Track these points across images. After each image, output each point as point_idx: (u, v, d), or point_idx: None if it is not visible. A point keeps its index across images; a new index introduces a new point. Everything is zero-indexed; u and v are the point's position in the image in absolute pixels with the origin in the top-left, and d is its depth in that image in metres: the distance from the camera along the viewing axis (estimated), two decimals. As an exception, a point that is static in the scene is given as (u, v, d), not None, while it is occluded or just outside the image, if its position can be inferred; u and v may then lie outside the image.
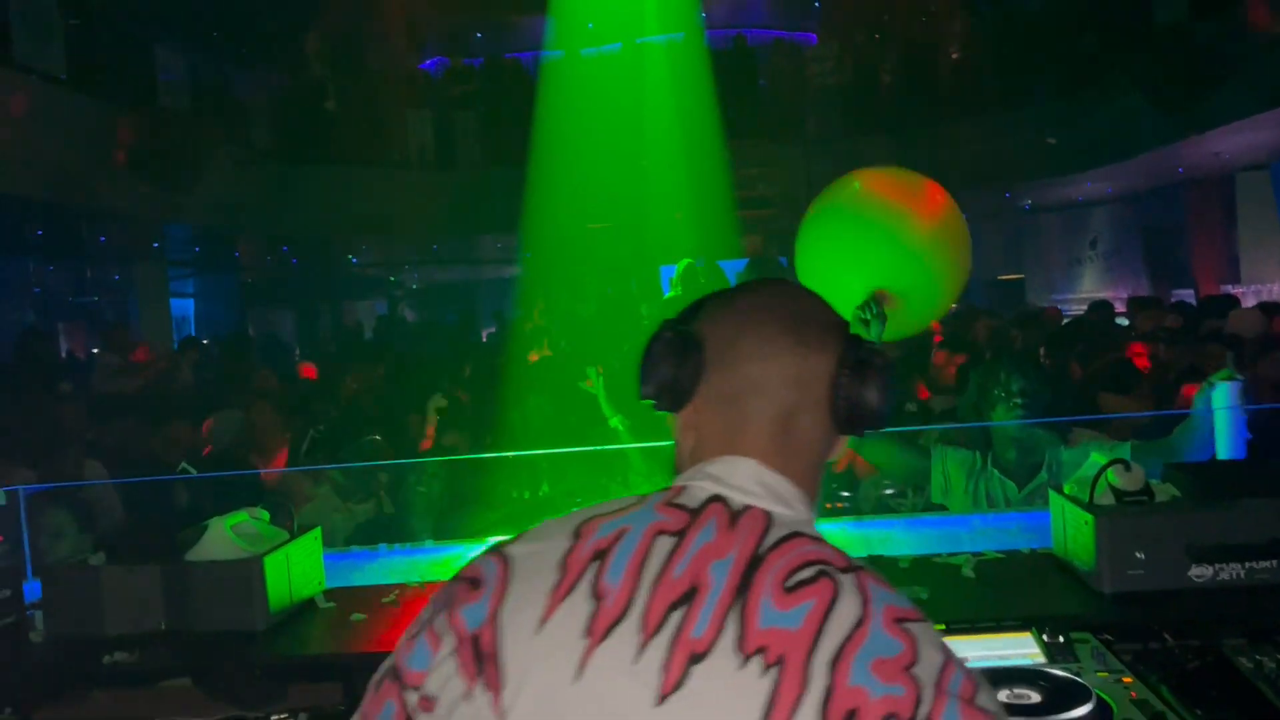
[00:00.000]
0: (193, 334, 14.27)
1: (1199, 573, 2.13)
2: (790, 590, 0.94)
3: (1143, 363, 5.49)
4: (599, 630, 0.95)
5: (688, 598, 0.95)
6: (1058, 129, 11.30)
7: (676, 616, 0.94)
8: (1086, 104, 10.71)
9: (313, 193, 12.21)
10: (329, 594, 2.73)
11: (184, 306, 16.02)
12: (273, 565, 2.50)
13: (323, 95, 13.22)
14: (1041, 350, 6.43)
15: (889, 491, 4.29)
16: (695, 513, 1.01)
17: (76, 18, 9.01)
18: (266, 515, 2.66)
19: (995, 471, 3.38)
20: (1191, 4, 9.34)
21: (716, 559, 0.97)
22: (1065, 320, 9.28)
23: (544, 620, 0.97)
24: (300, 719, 2.31)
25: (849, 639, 0.91)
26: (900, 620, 0.94)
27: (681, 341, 1.13)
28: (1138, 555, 2.15)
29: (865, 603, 0.94)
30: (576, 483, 3.69)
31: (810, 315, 1.12)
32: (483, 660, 0.97)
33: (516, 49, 14.81)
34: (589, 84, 11.91)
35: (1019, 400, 3.25)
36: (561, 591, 0.98)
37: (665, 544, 0.99)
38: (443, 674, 0.99)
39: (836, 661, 0.90)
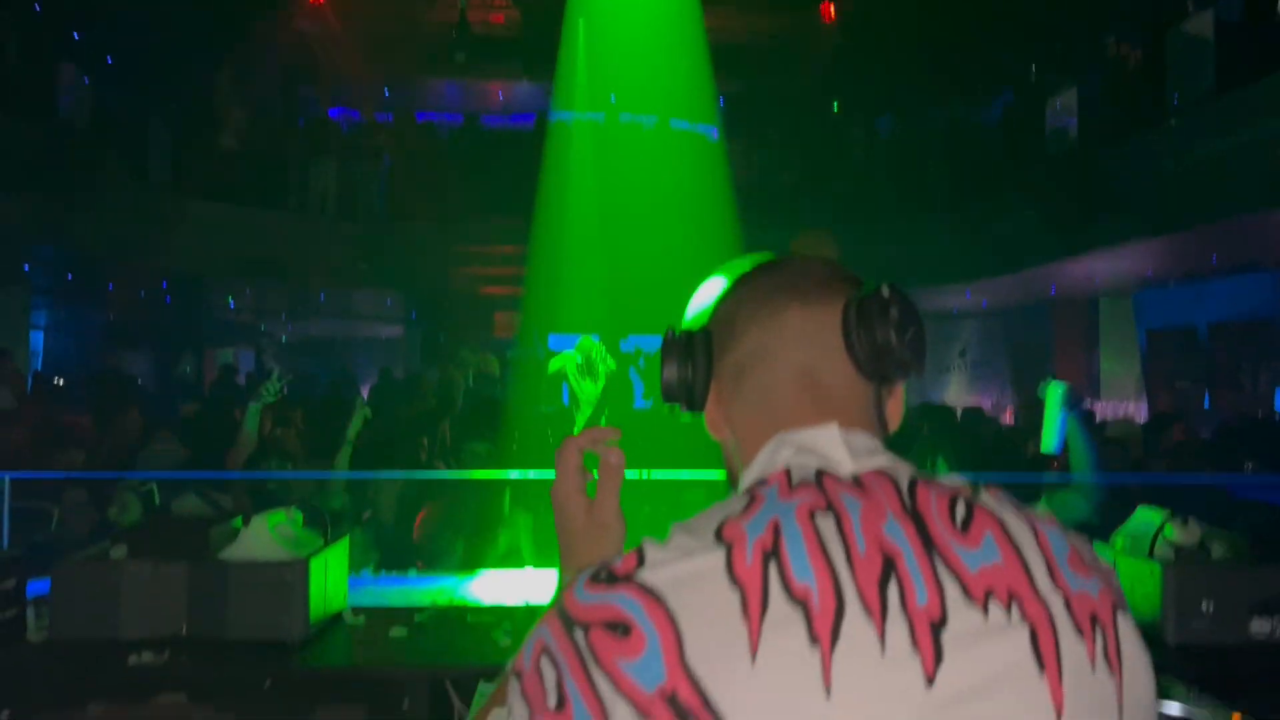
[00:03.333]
0: (38, 369, 13.38)
1: (1259, 627, 2.23)
2: (964, 529, 0.88)
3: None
4: (824, 635, 0.82)
5: (889, 569, 0.85)
6: (947, 240, 11.96)
7: (893, 592, 0.84)
8: (976, 219, 11.40)
9: (202, 229, 11.77)
10: (354, 610, 2.58)
11: (33, 340, 14.99)
12: (315, 570, 2.35)
13: (223, 132, 12.84)
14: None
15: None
16: (821, 487, 0.91)
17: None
18: (301, 516, 2.49)
19: None
20: (1081, 131, 10.13)
21: (880, 523, 0.88)
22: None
23: (754, 649, 0.81)
24: (352, 733, 2.17)
25: (1040, 551, 0.88)
26: (1042, 517, 0.93)
27: (684, 337, 1.07)
28: (1205, 609, 2.23)
29: (1017, 509, 0.92)
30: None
31: (811, 272, 1.05)
32: (691, 716, 0.80)
33: (425, 109, 14.79)
34: (558, 151, 12.00)
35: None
36: (754, 609, 0.82)
37: (829, 522, 0.87)
38: None
39: (1052, 574, 0.87)
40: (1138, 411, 12.04)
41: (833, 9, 13.66)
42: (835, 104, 14.52)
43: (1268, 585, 2.24)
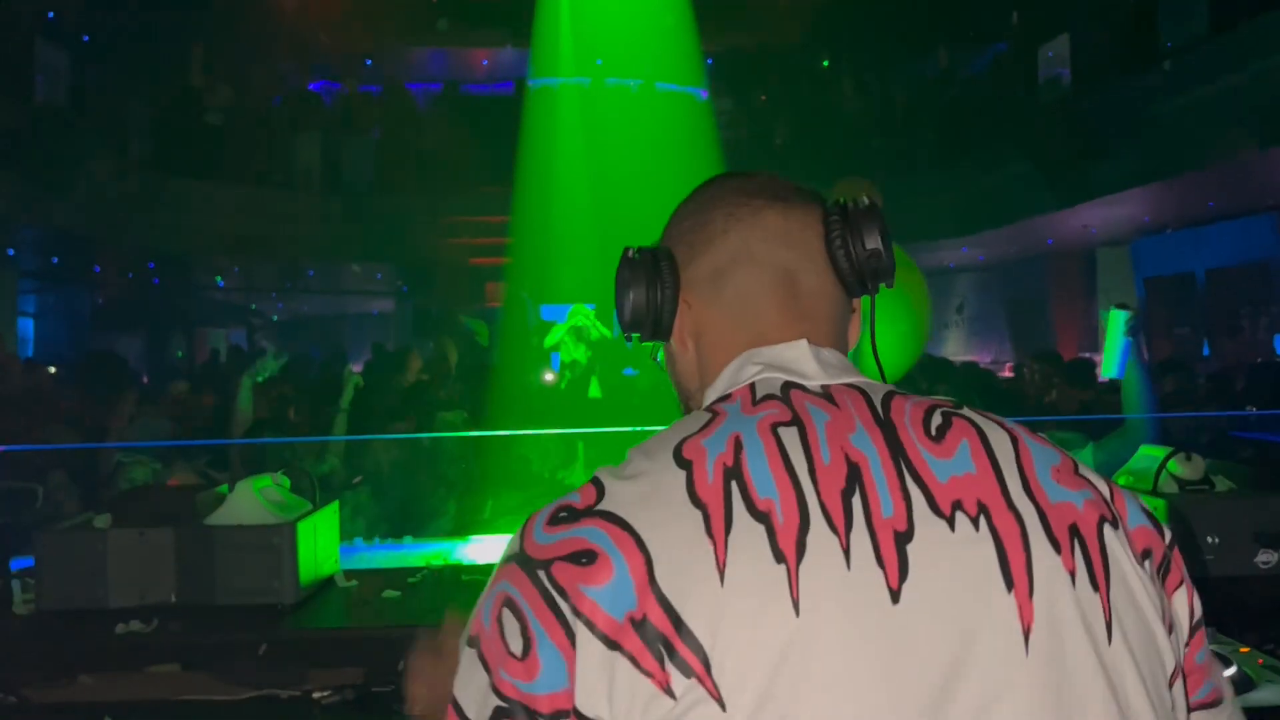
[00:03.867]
0: (30, 356, 13.31)
1: (1265, 558, 2.20)
2: (938, 439, 0.86)
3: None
4: (789, 550, 0.79)
5: (854, 479, 0.82)
6: (940, 195, 11.87)
7: (856, 503, 0.81)
8: (969, 172, 11.30)
9: (186, 208, 11.65)
10: (346, 574, 2.53)
11: (23, 327, 14.91)
12: (303, 534, 2.29)
13: (205, 108, 12.67)
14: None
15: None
16: (786, 400, 0.89)
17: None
18: (288, 482, 2.44)
19: None
20: (1074, 79, 10.02)
21: (849, 432, 0.85)
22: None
23: (722, 568, 0.78)
24: (347, 693, 2.11)
25: (1019, 461, 0.86)
26: (1033, 431, 0.91)
27: (646, 256, 1.01)
28: (1210, 540, 2.20)
29: (1001, 423, 0.90)
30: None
31: (780, 180, 1.03)
32: (665, 642, 0.77)
33: (408, 79, 14.60)
34: (540, 118, 11.85)
35: None
36: (719, 528, 0.80)
37: (792, 434, 0.85)
38: (606, 681, 0.78)
39: (1028, 485, 0.85)
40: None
41: (819, -37, 13.50)
42: (824, 60, 14.36)
43: (1273, 517, 2.20)
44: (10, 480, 4.01)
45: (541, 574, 0.81)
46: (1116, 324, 3.15)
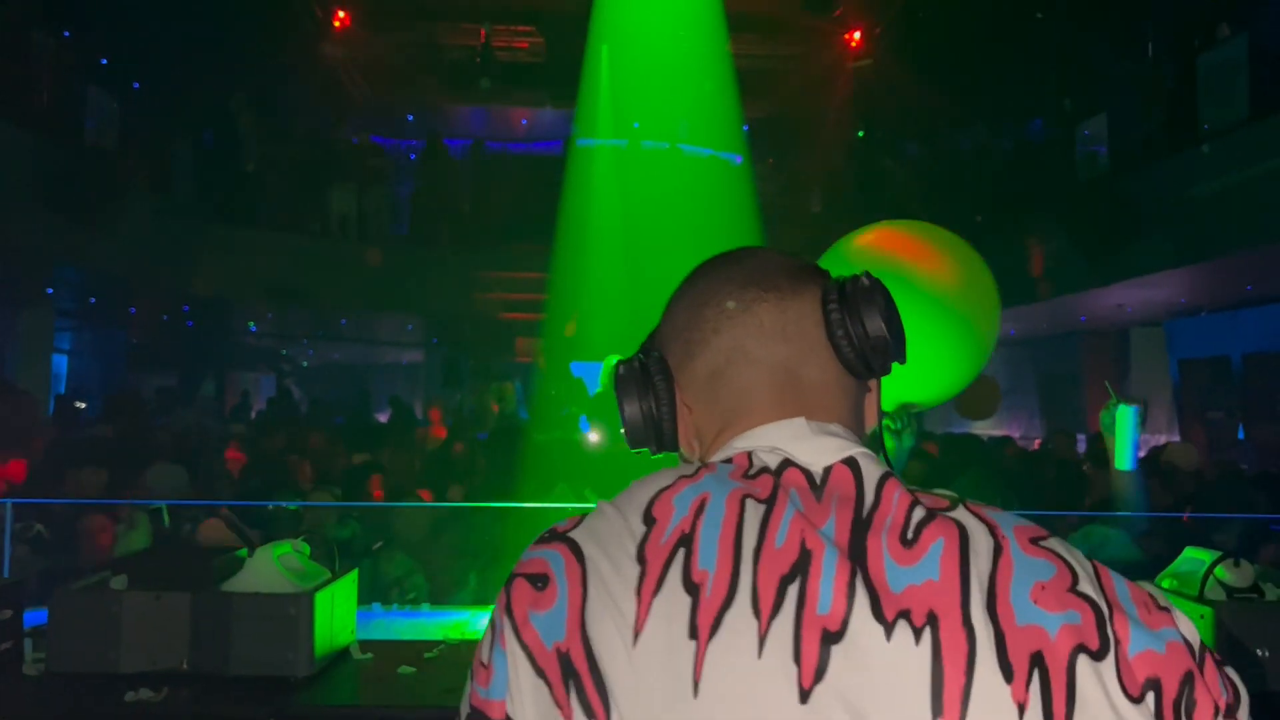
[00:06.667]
0: (61, 392, 13.46)
1: (1315, 672, 2.10)
2: (911, 542, 0.80)
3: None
4: (705, 626, 0.77)
5: (800, 568, 0.78)
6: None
7: (793, 591, 0.77)
8: (1006, 244, 11.25)
9: (224, 253, 11.79)
10: (362, 645, 2.47)
11: (57, 364, 15.07)
12: (320, 604, 2.24)
13: (246, 156, 12.89)
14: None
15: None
16: (777, 477, 0.85)
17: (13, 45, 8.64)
18: (308, 549, 2.40)
19: None
20: (1112, 158, 9.98)
21: (819, 524, 0.81)
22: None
23: (638, 630, 0.78)
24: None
25: (995, 573, 0.78)
26: (1036, 540, 0.82)
27: (636, 368, 0.98)
28: (1260, 653, 2.10)
29: (993, 529, 0.81)
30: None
31: (774, 263, 0.97)
32: (576, 679, 0.78)
33: (448, 135, 14.81)
34: (582, 177, 11.98)
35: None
36: (649, 589, 0.79)
37: (757, 511, 0.82)
38: (529, 702, 0.80)
39: (993, 603, 0.76)
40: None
41: (858, 36, 13.62)
42: (860, 130, 14.44)
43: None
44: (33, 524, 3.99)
45: (509, 590, 0.85)
46: (1127, 418, 3.15)
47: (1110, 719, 0.74)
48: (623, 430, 0.99)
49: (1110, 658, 0.76)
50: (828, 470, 0.86)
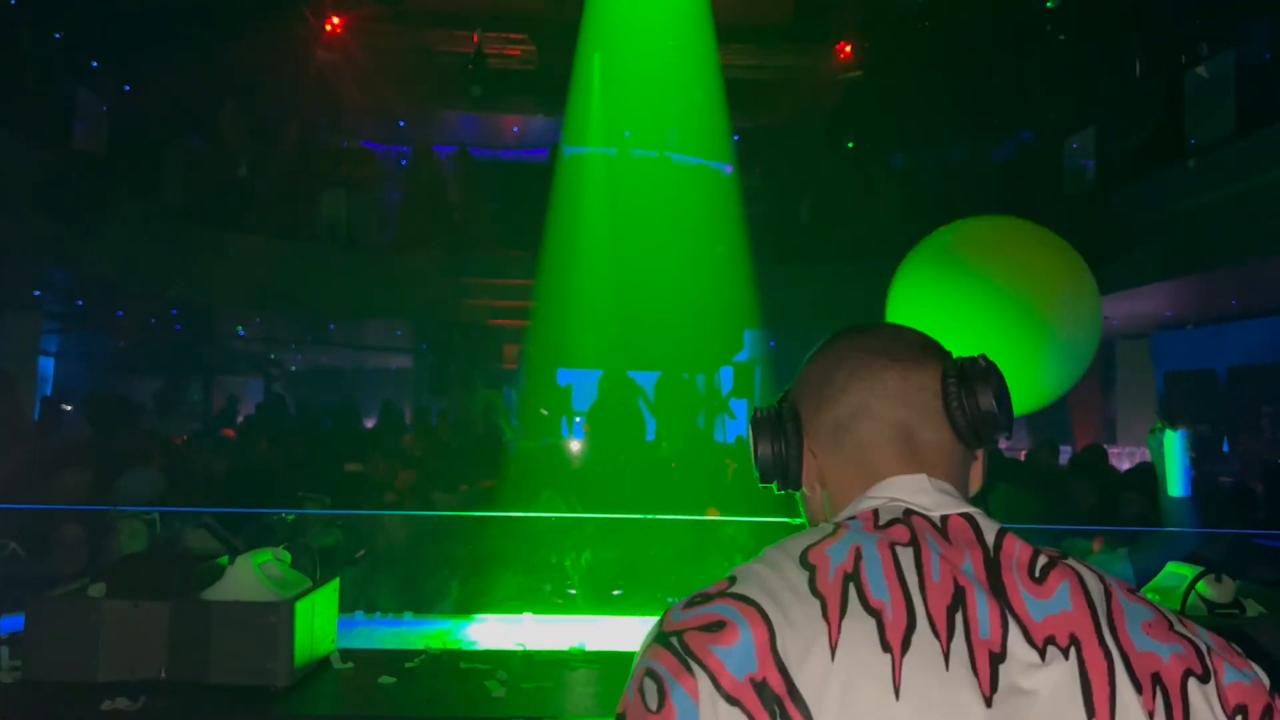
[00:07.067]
0: (48, 394, 13.38)
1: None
2: (1040, 580, 0.94)
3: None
4: (896, 642, 0.89)
5: (959, 599, 0.92)
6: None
7: (959, 620, 0.91)
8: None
9: (212, 257, 11.74)
10: (342, 654, 2.47)
11: (43, 366, 14.99)
12: (301, 613, 2.24)
13: (236, 161, 12.85)
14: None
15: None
16: (908, 524, 0.98)
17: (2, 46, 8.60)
18: (289, 557, 2.39)
19: None
20: (1099, 172, 10.04)
21: (959, 563, 0.94)
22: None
23: (834, 645, 0.88)
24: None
25: (1111, 610, 0.93)
26: (1133, 590, 0.97)
27: (771, 415, 1.13)
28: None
29: (1101, 578, 0.96)
30: (621, 551, 3.50)
31: (903, 338, 1.12)
32: (779, 703, 0.87)
33: (439, 141, 14.81)
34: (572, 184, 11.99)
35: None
36: (834, 612, 0.90)
37: (908, 554, 0.95)
38: None
39: (1117, 632, 0.91)
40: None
41: (849, 48, 13.66)
42: (850, 141, 14.48)
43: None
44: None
45: (674, 640, 0.91)
46: (1174, 444, 3.11)
47: None
48: (756, 466, 1.13)
49: (1212, 683, 0.91)
50: (944, 519, 0.99)
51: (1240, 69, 8.60)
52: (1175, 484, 3.09)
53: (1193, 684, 0.90)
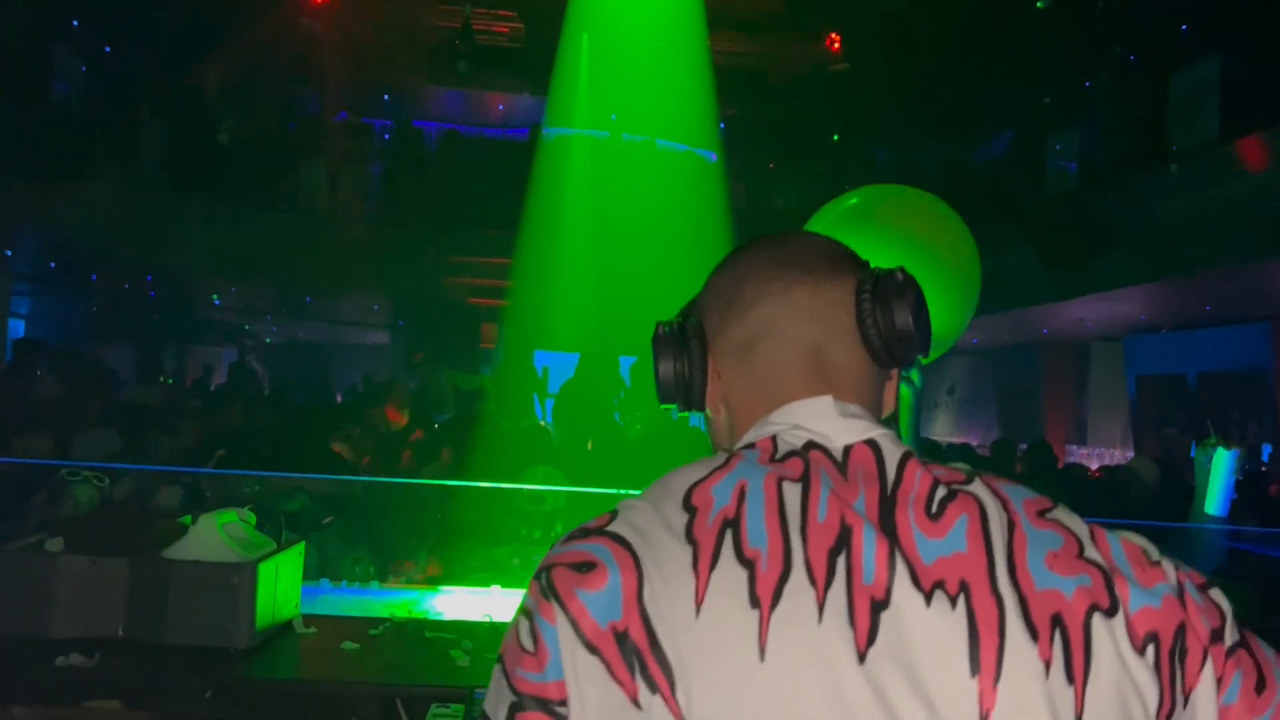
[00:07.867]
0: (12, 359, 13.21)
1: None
2: (936, 516, 0.87)
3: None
4: (766, 596, 0.82)
5: (844, 540, 0.84)
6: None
7: (840, 563, 0.83)
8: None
9: (190, 224, 11.60)
10: (306, 620, 2.44)
11: (13, 328, 14.80)
12: (264, 575, 2.21)
13: (216, 128, 12.69)
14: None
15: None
16: (804, 457, 0.90)
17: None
18: (254, 519, 2.36)
19: None
20: (1081, 174, 10.09)
21: (851, 500, 0.87)
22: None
23: (699, 602, 0.82)
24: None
25: (1012, 545, 0.86)
26: (1043, 512, 0.89)
27: (674, 330, 1.04)
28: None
29: (1005, 504, 0.89)
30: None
31: (817, 247, 1.03)
32: (639, 656, 0.81)
33: (424, 116, 14.70)
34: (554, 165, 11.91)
35: None
36: (705, 564, 0.83)
37: (795, 491, 0.87)
38: (585, 680, 0.82)
39: (1014, 571, 0.84)
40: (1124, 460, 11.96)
41: (838, 40, 13.65)
42: (835, 134, 14.49)
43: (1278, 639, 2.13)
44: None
45: (544, 575, 0.86)
46: (1223, 463, 3.00)
47: (1120, 671, 0.83)
48: (656, 386, 1.05)
49: (1120, 614, 0.84)
50: (848, 449, 0.92)
51: (1225, 74, 8.65)
52: (1214, 502, 3.00)
53: (1097, 620, 0.83)
